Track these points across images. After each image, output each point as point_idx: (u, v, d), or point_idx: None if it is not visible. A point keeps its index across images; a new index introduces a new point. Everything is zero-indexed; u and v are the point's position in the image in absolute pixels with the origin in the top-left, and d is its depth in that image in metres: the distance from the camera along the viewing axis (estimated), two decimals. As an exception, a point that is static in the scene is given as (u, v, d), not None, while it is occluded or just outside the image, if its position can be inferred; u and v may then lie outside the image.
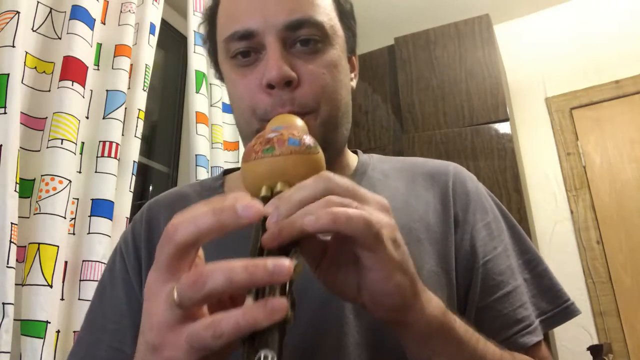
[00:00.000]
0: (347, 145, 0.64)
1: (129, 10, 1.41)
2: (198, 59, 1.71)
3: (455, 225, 0.57)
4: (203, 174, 1.59)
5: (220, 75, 0.61)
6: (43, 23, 1.21)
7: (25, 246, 1.04)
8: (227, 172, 0.67)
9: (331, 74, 0.54)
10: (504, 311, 0.52)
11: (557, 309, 0.56)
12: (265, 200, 0.36)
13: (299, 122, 0.48)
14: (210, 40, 0.61)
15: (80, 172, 1.22)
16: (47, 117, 1.14)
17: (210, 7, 0.60)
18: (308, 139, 0.41)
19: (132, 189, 1.32)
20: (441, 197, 0.59)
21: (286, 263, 0.29)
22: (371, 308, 0.37)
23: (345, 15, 0.59)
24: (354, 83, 0.63)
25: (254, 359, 0.27)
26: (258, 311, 0.28)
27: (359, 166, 0.64)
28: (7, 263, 0.93)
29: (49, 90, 1.18)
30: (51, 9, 1.23)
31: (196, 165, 1.59)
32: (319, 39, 0.53)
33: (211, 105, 1.75)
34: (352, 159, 0.65)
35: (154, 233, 0.59)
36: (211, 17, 0.60)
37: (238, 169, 0.63)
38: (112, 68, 1.34)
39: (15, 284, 0.96)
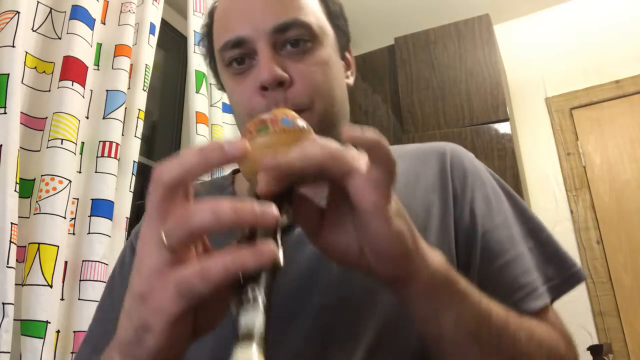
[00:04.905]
0: None
1: (129, 10, 1.41)
2: (198, 59, 1.71)
3: (454, 201, 0.57)
4: (203, 174, 1.59)
5: (221, 85, 0.64)
6: (43, 23, 1.21)
7: (25, 246, 1.04)
8: (236, 172, 0.68)
9: (322, 71, 0.56)
10: (506, 279, 0.52)
11: (564, 275, 0.55)
12: None
13: (295, 114, 0.48)
14: (210, 53, 0.64)
15: (80, 172, 1.22)
16: (47, 117, 1.14)
17: (206, 23, 0.64)
18: (301, 122, 0.41)
19: (132, 189, 1.32)
20: (439, 174, 0.60)
21: (273, 208, 0.29)
22: (376, 265, 0.37)
23: (334, 16, 0.61)
24: (350, 80, 0.65)
25: (241, 297, 0.28)
26: (247, 253, 0.28)
27: None
28: (7, 263, 0.93)
29: (49, 90, 1.18)
30: (51, 9, 1.23)
31: (196, 165, 1.59)
32: (308, 39, 0.55)
33: (211, 105, 1.75)
34: None
35: None
36: (208, 32, 0.63)
37: None
38: (112, 68, 1.34)
39: (15, 284, 0.96)
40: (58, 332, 1.07)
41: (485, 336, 0.41)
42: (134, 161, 1.33)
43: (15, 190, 0.99)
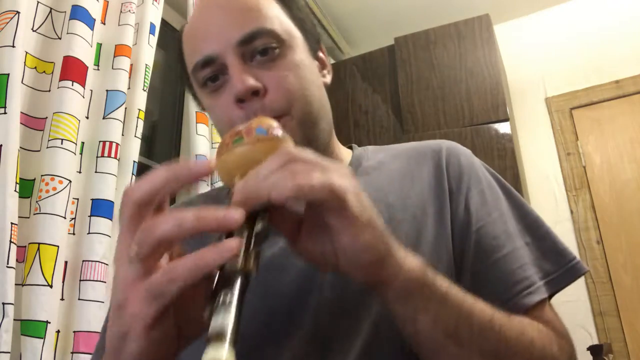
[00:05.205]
0: (338, 141, 0.66)
1: (129, 10, 1.41)
2: (198, 59, 1.71)
3: (450, 198, 0.57)
4: (203, 174, 1.59)
5: (201, 107, 0.65)
6: (43, 23, 1.21)
7: (25, 246, 1.04)
8: None
9: (295, 74, 0.56)
10: (501, 274, 0.52)
11: (562, 269, 0.54)
12: None
13: (273, 121, 0.48)
14: (186, 77, 0.64)
15: (80, 172, 1.22)
16: (47, 117, 1.14)
17: (177, 50, 0.65)
18: (277, 130, 0.41)
19: (132, 189, 1.31)
20: (435, 172, 0.60)
21: (236, 213, 0.31)
22: (349, 271, 0.38)
23: (299, 19, 0.61)
24: (327, 79, 0.65)
25: (214, 302, 0.30)
26: (208, 251, 0.30)
27: (353, 160, 0.65)
28: (7, 263, 0.93)
29: (49, 90, 1.18)
30: (51, 9, 1.23)
31: (196, 165, 1.59)
32: (276, 46, 0.56)
33: (211, 105, 1.75)
34: (346, 154, 0.67)
35: None
36: (180, 58, 0.63)
37: None
38: (112, 68, 1.33)
39: (15, 284, 0.96)
40: (58, 332, 1.07)
41: (465, 334, 0.41)
42: (134, 161, 1.33)
43: (15, 190, 0.99)
